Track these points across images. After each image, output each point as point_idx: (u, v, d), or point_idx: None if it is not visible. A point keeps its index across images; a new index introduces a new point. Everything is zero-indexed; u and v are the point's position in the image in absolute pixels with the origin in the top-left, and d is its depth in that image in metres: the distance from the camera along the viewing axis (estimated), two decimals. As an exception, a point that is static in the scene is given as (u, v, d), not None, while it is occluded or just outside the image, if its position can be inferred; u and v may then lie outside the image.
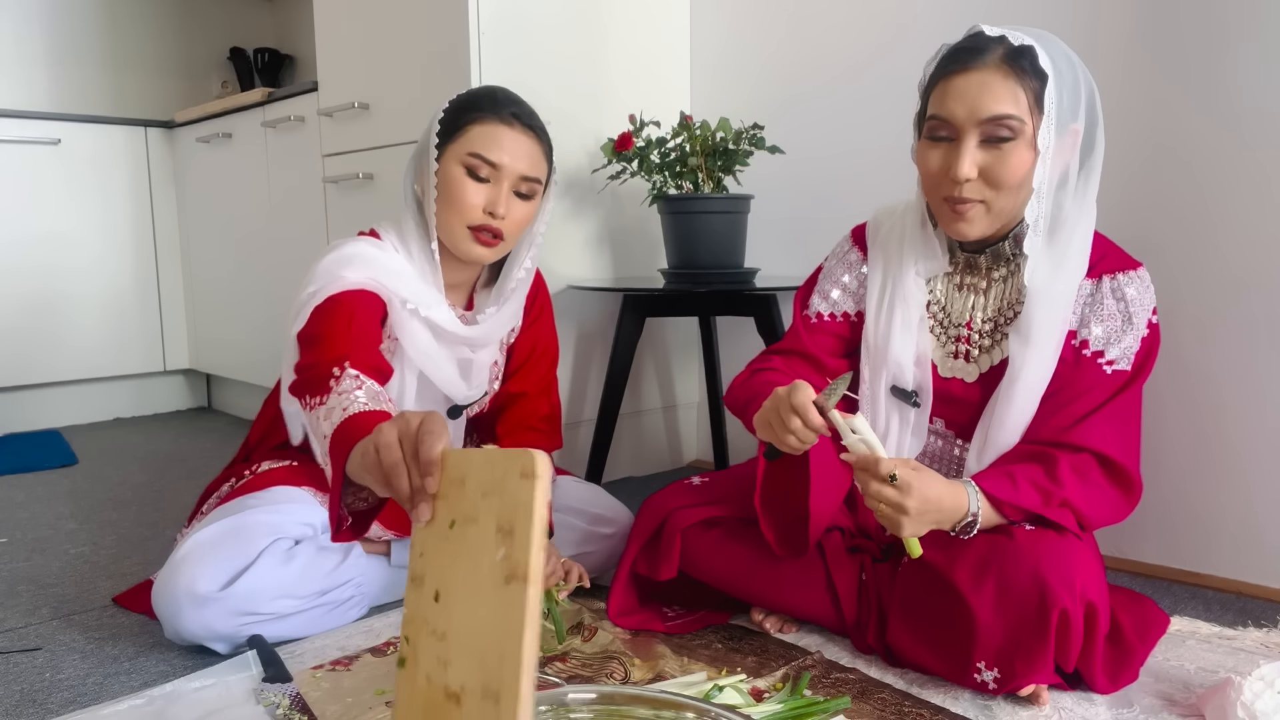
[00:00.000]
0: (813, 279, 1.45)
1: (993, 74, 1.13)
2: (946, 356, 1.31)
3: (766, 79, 2.25)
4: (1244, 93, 1.52)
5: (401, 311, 1.35)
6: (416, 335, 1.38)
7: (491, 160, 1.30)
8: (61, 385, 3.11)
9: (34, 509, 2.11)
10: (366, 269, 1.31)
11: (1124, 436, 1.20)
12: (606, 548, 1.55)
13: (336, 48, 2.39)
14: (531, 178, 1.33)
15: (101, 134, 3.10)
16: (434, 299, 1.38)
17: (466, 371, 1.46)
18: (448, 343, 1.42)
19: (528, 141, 1.33)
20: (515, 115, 1.33)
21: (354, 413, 1.06)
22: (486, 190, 1.31)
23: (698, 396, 2.54)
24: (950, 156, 1.16)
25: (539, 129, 1.36)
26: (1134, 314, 1.22)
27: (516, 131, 1.32)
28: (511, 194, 1.33)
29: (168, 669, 1.28)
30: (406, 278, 1.36)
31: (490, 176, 1.31)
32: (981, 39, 1.16)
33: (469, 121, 1.32)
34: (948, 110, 1.15)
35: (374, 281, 1.32)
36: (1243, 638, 1.36)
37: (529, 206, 1.36)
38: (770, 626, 1.36)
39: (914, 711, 1.13)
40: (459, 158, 1.31)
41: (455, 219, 1.32)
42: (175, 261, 3.30)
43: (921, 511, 1.10)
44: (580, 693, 0.92)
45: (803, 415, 1.09)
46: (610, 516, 1.58)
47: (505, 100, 1.35)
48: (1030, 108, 1.13)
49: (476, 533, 0.71)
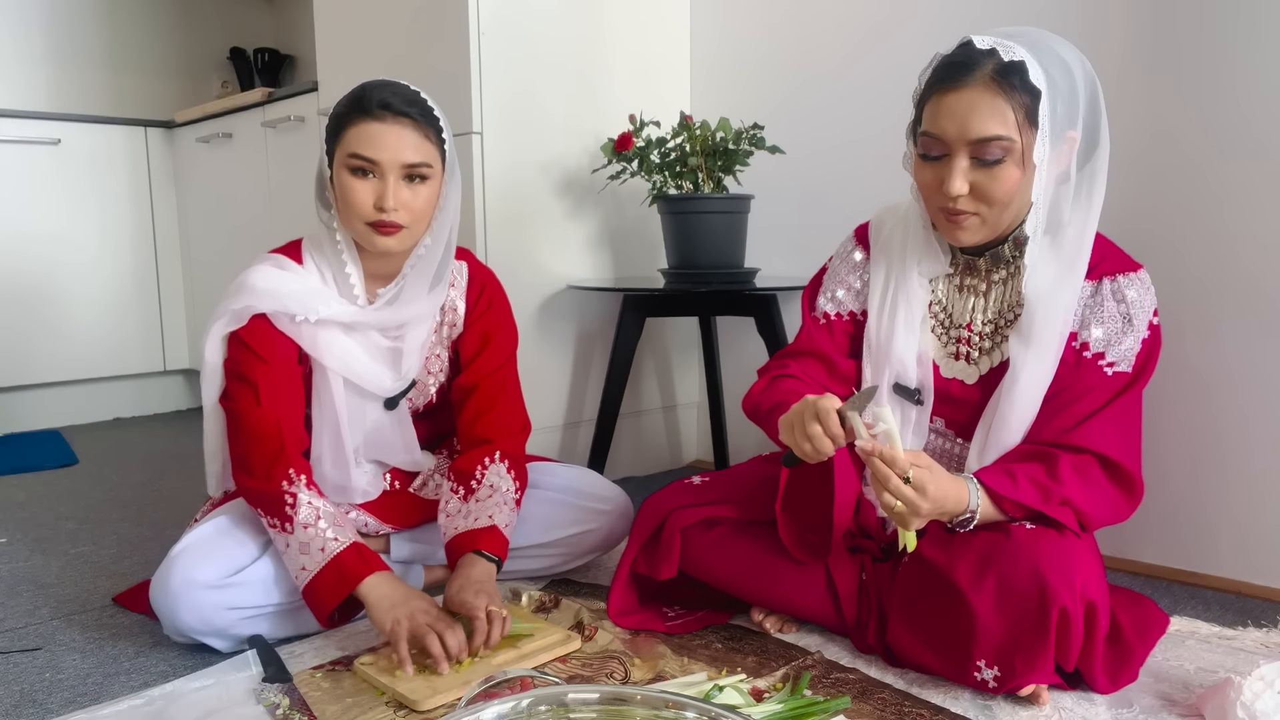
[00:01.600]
0: (818, 279, 1.45)
1: (981, 93, 1.12)
2: (948, 357, 1.31)
3: (766, 79, 2.25)
4: (1246, 91, 1.52)
5: (298, 325, 1.39)
6: (328, 340, 1.40)
7: (369, 157, 1.32)
8: (61, 385, 3.11)
9: (34, 509, 2.11)
10: (241, 298, 1.37)
11: (1125, 438, 1.20)
12: (606, 524, 1.57)
13: (336, 48, 2.39)
14: (417, 163, 1.34)
15: (101, 134, 3.10)
16: (323, 298, 1.40)
17: (395, 360, 1.46)
18: (361, 333, 1.43)
19: (404, 131, 1.33)
20: (385, 106, 1.32)
21: (331, 556, 1.28)
22: (373, 185, 1.33)
23: (698, 396, 2.54)
24: (943, 172, 1.16)
25: (416, 114, 1.34)
26: (1134, 316, 1.22)
27: (389, 124, 1.32)
28: (400, 183, 1.34)
29: (168, 669, 1.28)
30: (289, 290, 1.39)
31: (374, 171, 1.33)
32: (972, 52, 1.14)
33: (345, 125, 1.34)
34: (939, 128, 1.15)
35: (250, 309, 1.37)
36: (1242, 638, 1.36)
37: (426, 189, 1.36)
38: (770, 626, 1.36)
39: (914, 711, 1.13)
40: (343, 161, 1.34)
41: (354, 218, 1.35)
42: (175, 261, 3.30)
43: (932, 510, 1.12)
44: (580, 693, 0.92)
45: (824, 421, 1.10)
46: (604, 494, 1.60)
47: (375, 94, 1.33)
48: (1021, 125, 1.12)
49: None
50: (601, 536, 1.58)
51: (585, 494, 1.59)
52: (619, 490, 1.62)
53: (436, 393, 1.55)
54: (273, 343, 1.38)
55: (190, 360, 3.34)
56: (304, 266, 1.43)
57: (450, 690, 1.16)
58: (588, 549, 1.58)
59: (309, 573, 1.28)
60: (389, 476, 1.55)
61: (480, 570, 1.34)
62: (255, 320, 1.38)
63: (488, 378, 1.52)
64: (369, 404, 1.46)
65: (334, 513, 1.34)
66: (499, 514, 1.40)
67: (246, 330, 1.38)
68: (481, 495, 1.43)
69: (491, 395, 1.51)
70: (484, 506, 1.41)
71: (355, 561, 1.28)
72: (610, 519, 1.57)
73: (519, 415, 1.55)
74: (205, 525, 1.37)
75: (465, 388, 1.52)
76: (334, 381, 1.42)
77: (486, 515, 1.40)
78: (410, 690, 1.15)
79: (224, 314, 1.38)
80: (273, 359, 1.38)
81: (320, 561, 1.28)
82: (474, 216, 2.03)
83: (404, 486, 1.56)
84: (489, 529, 1.38)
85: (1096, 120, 1.18)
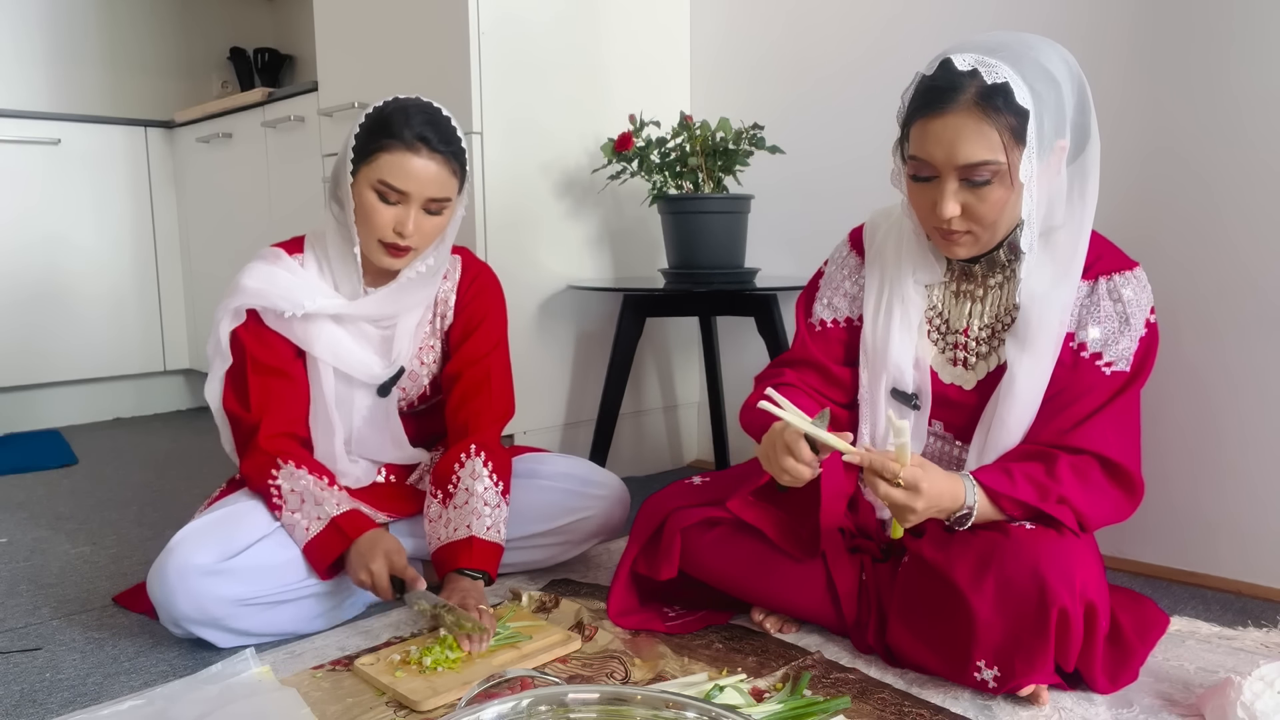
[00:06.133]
0: (814, 284, 1.44)
1: (965, 119, 1.11)
2: (945, 363, 1.31)
3: (766, 79, 2.25)
4: (1244, 91, 1.52)
5: (286, 320, 1.43)
6: (317, 330, 1.45)
7: (399, 189, 1.36)
8: (61, 385, 3.11)
9: (34, 509, 2.11)
10: (236, 298, 1.43)
11: (1124, 437, 1.20)
12: (603, 508, 1.59)
13: (336, 48, 2.39)
14: (440, 198, 1.39)
15: (101, 134, 3.10)
16: (311, 292, 1.44)
17: (385, 348, 1.50)
18: (351, 323, 1.47)
19: (435, 167, 1.37)
20: (423, 140, 1.35)
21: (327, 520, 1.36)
22: (396, 212, 1.38)
23: (698, 396, 2.54)
24: (934, 194, 1.16)
25: (449, 151, 1.38)
26: (1131, 315, 1.21)
27: (424, 158, 1.36)
28: (420, 212, 1.39)
29: (168, 669, 1.28)
30: (278, 286, 1.43)
31: (399, 200, 1.37)
32: (953, 75, 1.12)
33: (379, 148, 1.36)
34: (926, 153, 1.15)
35: (244, 306, 1.44)
36: (1242, 638, 1.36)
37: (439, 220, 1.42)
38: (770, 626, 1.36)
39: (914, 711, 1.13)
40: (370, 183, 1.37)
41: (368, 234, 1.40)
42: (175, 261, 3.30)
43: (928, 508, 1.12)
44: (580, 693, 0.92)
45: (793, 450, 1.14)
46: (599, 479, 1.62)
47: (415, 125, 1.36)
48: (1008, 145, 1.11)
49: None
50: (599, 522, 1.59)
51: (580, 479, 1.61)
52: (614, 477, 1.64)
53: (429, 384, 1.57)
54: (268, 340, 1.45)
55: (190, 360, 3.34)
56: (303, 260, 1.48)
57: (450, 690, 1.16)
58: (586, 535, 1.59)
59: (302, 540, 1.36)
60: (384, 471, 1.56)
61: (465, 584, 1.35)
62: (252, 318, 1.44)
63: (472, 365, 1.53)
64: (358, 393, 1.49)
65: (315, 493, 1.38)
66: (477, 522, 1.40)
67: (244, 328, 1.45)
68: (459, 501, 1.43)
69: (476, 383, 1.53)
70: (461, 515, 1.42)
71: (331, 541, 1.35)
72: (606, 504, 1.59)
73: (501, 403, 1.56)
74: (203, 517, 1.39)
75: (451, 375, 1.54)
76: (324, 371, 1.46)
77: (465, 525, 1.40)
78: (410, 690, 1.15)
79: (225, 313, 1.45)
80: (268, 358, 1.44)
81: (302, 539, 1.36)
82: (474, 217, 2.03)
83: (400, 480, 1.57)
84: (466, 541, 1.39)
85: (1086, 120, 1.17)
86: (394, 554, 1.33)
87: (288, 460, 1.40)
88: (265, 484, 1.39)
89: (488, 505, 1.42)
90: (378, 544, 1.33)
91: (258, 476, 1.40)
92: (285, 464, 1.40)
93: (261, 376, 1.44)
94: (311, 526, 1.35)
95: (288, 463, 1.40)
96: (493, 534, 1.41)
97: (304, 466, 1.41)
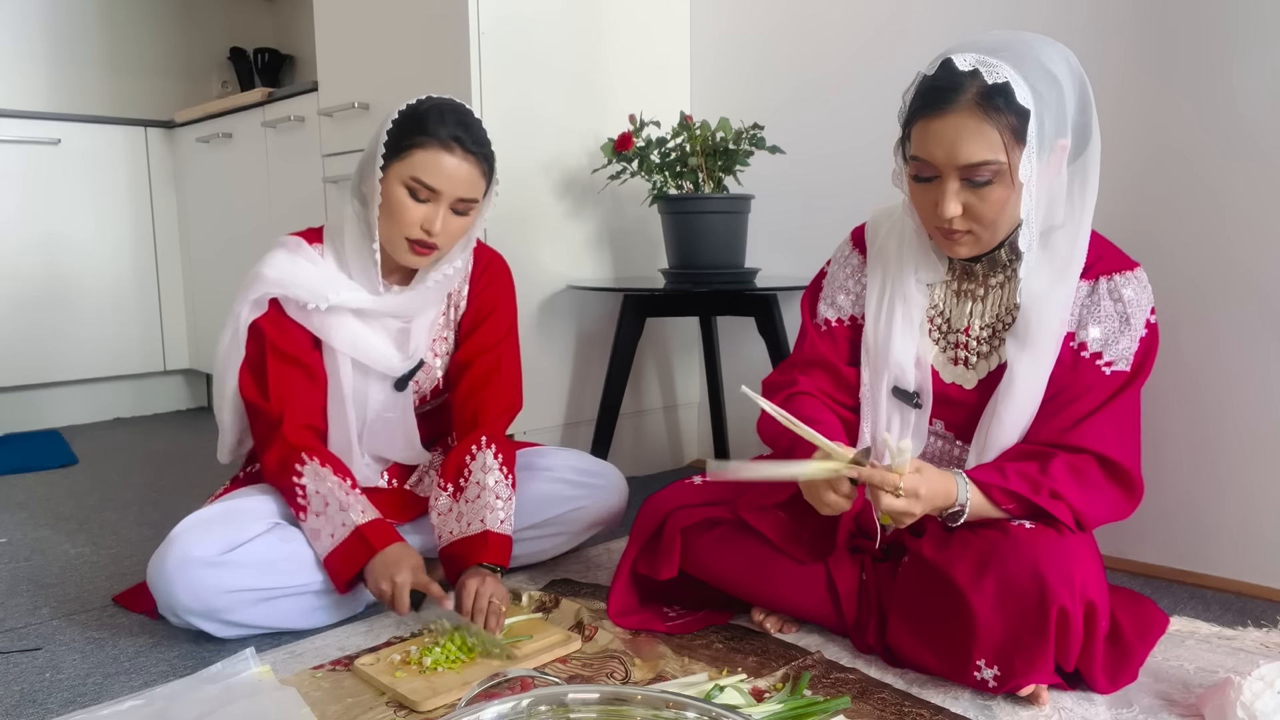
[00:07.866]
0: (817, 284, 1.44)
1: (966, 119, 1.11)
2: (946, 362, 1.31)
3: (766, 79, 2.25)
4: (1246, 91, 1.52)
5: (308, 312, 1.43)
6: (337, 323, 1.44)
7: (431, 186, 1.37)
8: (61, 385, 3.11)
9: (34, 509, 2.11)
10: (256, 288, 1.44)
11: (1124, 437, 1.21)
12: (600, 498, 1.60)
13: (336, 48, 2.39)
14: (469, 199, 1.40)
15: (101, 134, 3.10)
16: (335, 285, 1.44)
17: (403, 341, 1.50)
18: (373, 318, 1.47)
19: (468, 167, 1.38)
20: (457, 140, 1.36)
21: (352, 528, 1.34)
22: (425, 210, 1.38)
23: (698, 396, 2.54)
24: (936, 194, 1.17)
25: (480, 152, 1.39)
26: (1131, 315, 1.22)
27: (458, 158, 1.37)
28: (448, 212, 1.39)
29: (168, 669, 1.28)
30: (301, 277, 1.43)
31: (429, 198, 1.38)
32: (954, 75, 1.12)
33: (413, 145, 1.36)
34: (927, 153, 1.15)
35: (266, 296, 1.44)
36: (1242, 638, 1.36)
37: (465, 221, 1.43)
38: (771, 626, 1.36)
39: (914, 711, 1.13)
40: (401, 179, 1.37)
41: (394, 231, 1.40)
42: (175, 261, 3.30)
43: (925, 509, 1.14)
44: (580, 693, 0.92)
45: (836, 489, 1.16)
46: (597, 470, 1.63)
47: (451, 124, 1.37)
48: (1008, 145, 1.11)
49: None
50: (596, 511, 1.59)
51: (579, 469, 1.62)
52: (611, 466, 1.65)
53: (443, 376, 1.57)
54: (288, 330, 1.44)
55: (190, 360, 3.34)
56: (323, 251, 1.48)
57: (450, 690, 1.16)
58: (584, 525, 1.60)
59: (325, 549, 1.36)
60: (386, 475, 1.56)
61: (485, 579, 1.35)
62: (273, 307, 1.44)
63: (482, 355, 1.54)
64: (373, 386, 1.49)
65: (340, 497, 1.37)
66: (490, 515, 1.41)
67: (265, 318, 1.44)
68: (470, 494, 1.43)
69: (486, 371, 1.53)
70: (474, 509, 1.42)
71: (356, 551, 1.34)
72: (604, 493, 1.60)
73: (510, 393, 1.56)
74: (204, 510, 1.39)
75: (460, 364, 1.54)
76: (342, 363, 1.46)
77: (479, 519, 1.40)
78: (410, 690, 1.15)
79: (245, 304, 1.44)
80: (289, 347, 1.44)
81: (324, 550, 1.36)
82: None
83: (400, 484, 1.58)
84: (481, 536, 1.39)
85: (1087, 119, 1.17)
86: (418, 569, 1.33)
87: (313, 456, 1.39)
88: (290, 481, 1.38)
89: (499, 499, 1.43)
90: (404, 558, 1.33)
91: (281, 471, 1.39)
92: (310, 460, 1.39)
93: (281, 365, 1.43)
94: (337, 533, 1.35)
95: (313, 459, 1.39)
96: (505, 527, 1.42)
97: (328, 465, 1.40)
